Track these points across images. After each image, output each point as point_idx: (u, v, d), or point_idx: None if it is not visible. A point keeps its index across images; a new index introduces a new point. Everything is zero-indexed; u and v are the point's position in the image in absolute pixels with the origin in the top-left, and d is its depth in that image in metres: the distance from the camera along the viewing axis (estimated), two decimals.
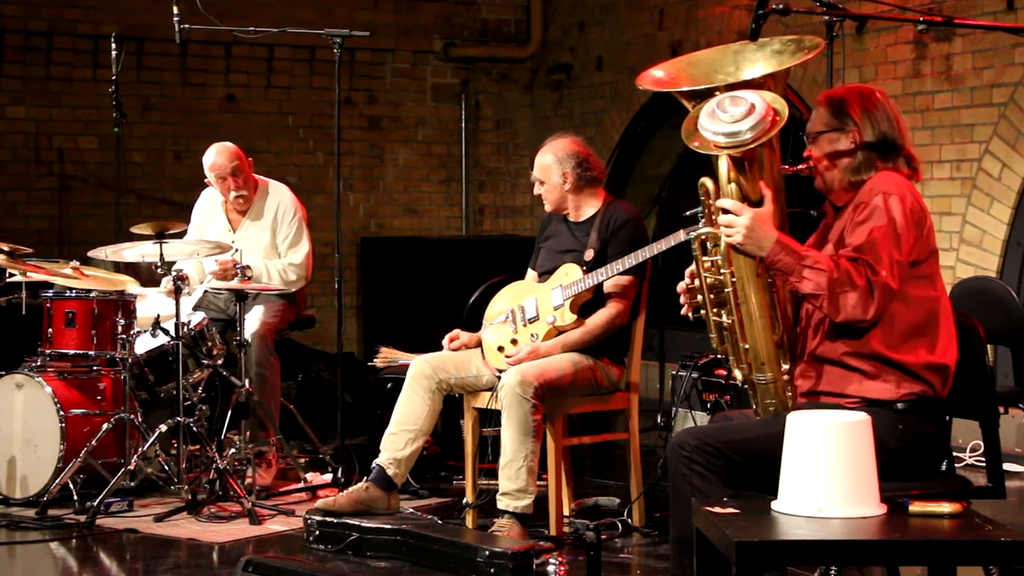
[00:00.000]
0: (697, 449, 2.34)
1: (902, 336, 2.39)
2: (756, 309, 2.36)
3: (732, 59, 2.42)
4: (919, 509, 2.11)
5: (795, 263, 2.32)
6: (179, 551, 3.47)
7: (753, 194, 2.32)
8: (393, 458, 3.54)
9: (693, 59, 2.48)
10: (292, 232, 4.33)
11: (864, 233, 2.36)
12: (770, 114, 2.23)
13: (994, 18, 4.45)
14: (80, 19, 6.05)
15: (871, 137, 2.42)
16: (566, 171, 3.60)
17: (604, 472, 4.33)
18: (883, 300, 2.33)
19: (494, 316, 3.65)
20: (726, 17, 5.66)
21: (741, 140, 2.24)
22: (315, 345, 5.85)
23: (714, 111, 2.25)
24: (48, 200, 6.08)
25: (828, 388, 2.43)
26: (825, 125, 2.45)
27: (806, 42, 2.40)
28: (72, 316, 3.96)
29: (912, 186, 2.44)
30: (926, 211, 2.43)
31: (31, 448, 3.93)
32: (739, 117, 2.23)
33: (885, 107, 2.45)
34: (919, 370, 2.40)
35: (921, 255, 2.40)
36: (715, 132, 2.25)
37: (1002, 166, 4.60)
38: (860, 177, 2.43)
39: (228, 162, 4.28)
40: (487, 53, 6.90)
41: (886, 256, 2.33)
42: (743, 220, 2.30)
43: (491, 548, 3.11)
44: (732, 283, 2.36)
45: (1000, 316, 3.16)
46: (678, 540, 2.41)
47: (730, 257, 2.35)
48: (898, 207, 2.36)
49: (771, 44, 2.42)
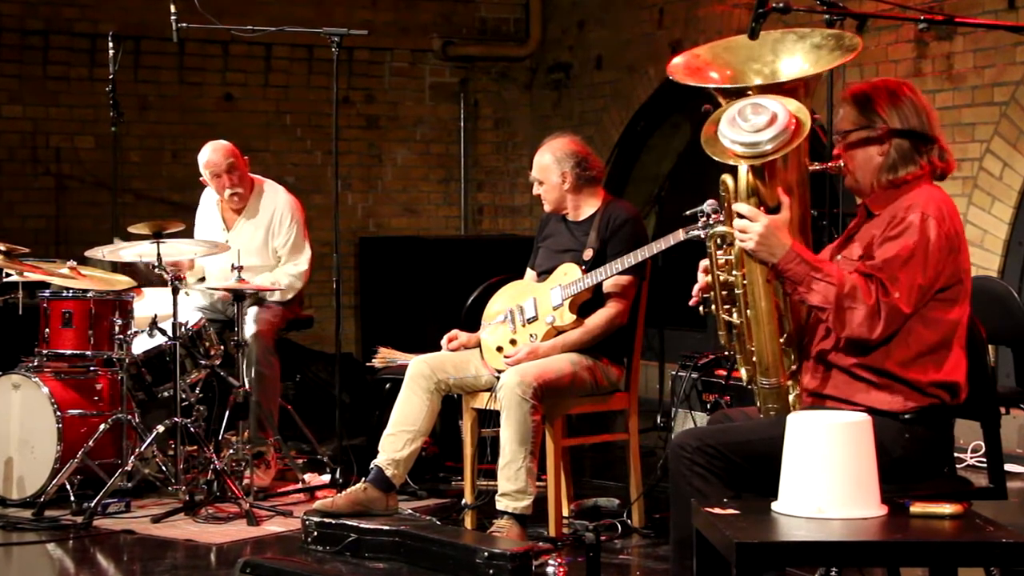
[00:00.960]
0: (698, 451, 2.33)
1: (915, 356, 2.36)
2: (764, 315, 2.34)
3: (771, 47, 2.37)
4: (920, 510, 2.10)
5: (805, 273, 2.29)
6: (176, 552, 3.47)
7: (771, 200, 2.30)
8: (391, 459, 3.53)
9: (731, 44, 2.42)
10: (292, 237, 4.32)
11: (890, 250, 2.31)
12: (792, 124, 2.20)
13: (995, 17, 4.44)
14: (77, 18, 6.05)
15: (901, 129, 2.36)
16: (565, 171, 3.59)
17: (603, 473, 4.32)
18: (891, 322, 2.29)
19: (493, 316, 3.64)
20: (726, 16, 5.65)
21: (761, 151, 2.21)
22: (313, 345, 5.84)
23: (735, 119, 2.22)
24: (45, 199, 6.07)
25: (835, 393, 2.41)
26: (853, 123, 2.41)
27: (845, 40, 2.35)
28: (69, 316, 3.95)
29: (953, 207, 2.38)
30: (962, 234, 2.38)
31: (28, 449, 3.92)
32: (761, 127, 2.20)
33: (913, 100, 2.39)
34: (927, 387, 2.37)
35: (949, 282, 2.35)
36: (734, 141, 2.22)
37: (1003, 165, 4.59)
38: (897, 175, 2.38)
39: (223, 159, 4.27)
40: (486, 52, 6.89)
41: (906, 279, 2.29)
42: (757, 227, 2.27)
43: (490, 549, 3.11)
44: (743, 286, 2.35)
45: (1001, 316, 3.14)
46: (678, 541, 2.40)
47: (743, 261, 2.33)
48: (934, 231, 2.31)
49: (812, 36, 2.37)
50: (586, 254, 3.55)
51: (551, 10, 6.89)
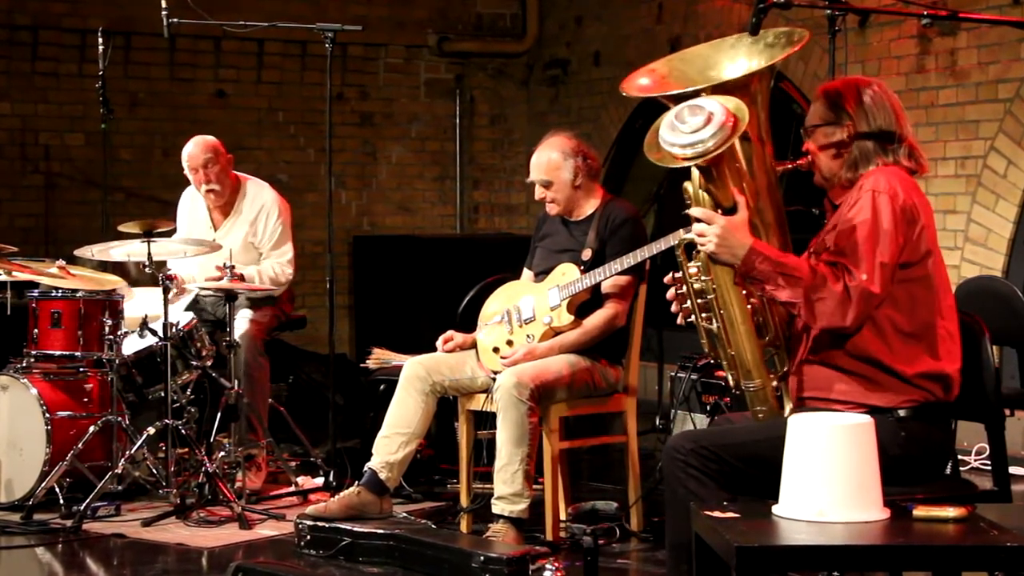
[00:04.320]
0: (693, 453, 2.32)
1: (897, 341, 2.35)
2: (738, 316, 2.36)
3: (728, 54, 2.40)
4: (923, 513, 2.10)
5: (770, 270, 2.30)
6: (167, 556, 3.44)
7: (726, 201, 2.31)
8: (386, 462, 3.51)
9: (686, 55, 2.47)
10: (276, 234, 4.30)
11: (847, 234, 2.32)
12: (730, 120, 2.22)
13: (1000, 12, 4.44)
14: (66, 13, 6.02)
15: (867, 129, 2.38)
16: (577, 164, 3.53)
17: (601, 476, 4.31)
18: (863, 305, 2.29)
19: (489, 317, 3.62)
20: (726, 11, 5.61)
21: (704, 149, 2.23)
22: (306, 346, 5.81)
23: (673, 123, 2.25)
24: (34, 198, 6.04)
25: (827, 394, 2.40)
26: (821, 119, 2.43)
27: (795, 35, 2.38)
28: (58, 316, 3.93)
29: (911, 182, 2.38)
30: (922, 208, 2.37)
31: (16, 451, 3.90)
32: (699, 126, 2.22)
33: (882, 98, 2.41)
34: (915, 379, 2.36)
35: (913, 256, 2.34)
36: (675, 143, 2.25)
37: (1008, 163, 4.57)
38: (858, 172, 2.39)
39: (201, 154, 4.25)
40: (482, 48, 6.85)
41: (868, 259, 2.29)
42: (714, 228, 2.29)
43: (486, 553, 3.09)
44: (713, 290, 2.36)
45: (1006, 316, 3.12)
46: (674, 545, 2.39)
47: (708, 265, 2.35)
48: (886, 205, 2.31)
49: (765, 37, 2.41)
50: (585, 254, 3.53)
51: (548, 5, 6.86)
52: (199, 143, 4.26)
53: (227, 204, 4.31)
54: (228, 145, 4.38)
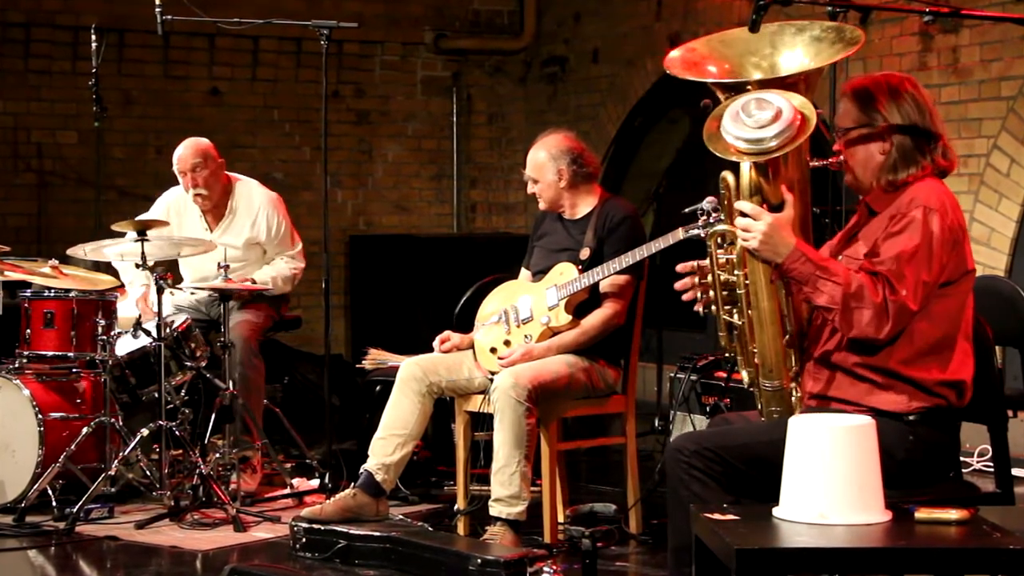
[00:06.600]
0: (696, 454, 2.31)
1: (919, 353, 2.34)
2: (767, 315, 2.32)
3: (769, 40, 2.34)
4: (925, 516, 2.09)
5: (811, 273, 2.27)
6: (161, 559, 3.44)
7: (774, 198, 2.27)
8: (382, 463, 3.50)
9: (726, 37, 2.40)
10: (282, 232, 4.30)
11: (895, 247, 2.30)
12: (797, 120, 2.18)
13: (1003, 9, 4.43)
14: (59, 10, 5.99)
15: (905, 131, 2.33)
16: (561, 168, 3.55)
17: (600, 477, 4.31)
18: (899, 320, 2.28)
19: (486, 317, 3.61)
20: (726, 8, 5.59)
21: (766, 148, 2.18)
22: (302, 347, 5.78)
23: (738, 114, 2.19)
24: (26, 197, 6.02)
25: (838, 395, 2.38)
26: (853, 121, 2.38)
27: (847, 33, 2.32)
28: (51, 316, 3.92)
29: (955, 200, 2.37)
30: (964, 228, 2.37)
31: (8, 453, 3.88)
32: (765, 123, 2.17)
33: (915, 96, 2.37)
34: (932, 386, 2.35)
35: (953, 275, 2.34)
36: (738, 137, 2.19)
37: (1011, 162, 4.55)
38: (898, 176, 2.36)
39: (191, 157, 4.23)
40: (479, 45, 6.83)
41: (912, 276, 2.27)
42: (760, 226, 2.25)
43: (483, 556, 3.09)
44: (745, 286, 2.32)
45: (1009, 317, 3.09)
46: (676, 548, 2.38)
47: (745, 260, 2.30)
48: (937, 225, 2.30)
49: (811, 29, 2.35)
50: (583, 253, 3.52)
51: (546, 2, 6.83)
52: (190, 146, 4.24)
53: (217, 206, 4.29)
54: (222, 143, 4.36)
